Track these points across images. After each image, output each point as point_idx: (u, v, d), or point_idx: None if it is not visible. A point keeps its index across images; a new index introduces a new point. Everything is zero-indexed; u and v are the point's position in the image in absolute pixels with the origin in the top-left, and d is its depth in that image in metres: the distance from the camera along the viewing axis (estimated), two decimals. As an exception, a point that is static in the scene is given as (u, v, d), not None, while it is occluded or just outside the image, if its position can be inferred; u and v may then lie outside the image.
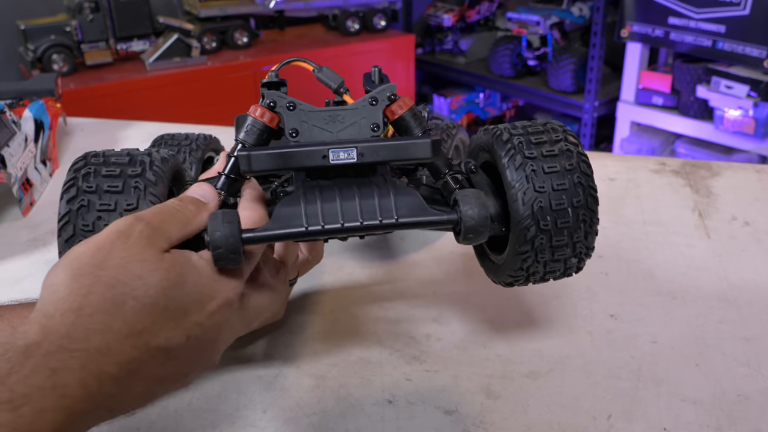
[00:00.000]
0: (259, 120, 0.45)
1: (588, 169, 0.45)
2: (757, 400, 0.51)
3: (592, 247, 0.47)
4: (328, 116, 0.45)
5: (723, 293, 0.64)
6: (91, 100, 2.03)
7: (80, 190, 0.42)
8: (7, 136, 0.82)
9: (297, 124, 0.44)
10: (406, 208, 0.41)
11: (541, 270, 0.47)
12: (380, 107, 0.45)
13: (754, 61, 2.06)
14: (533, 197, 0.44)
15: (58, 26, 2.11)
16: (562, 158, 0.44)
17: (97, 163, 0.44)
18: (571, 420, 0.49)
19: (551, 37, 2.72)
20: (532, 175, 0.44)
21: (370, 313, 0.62)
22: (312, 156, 0.41)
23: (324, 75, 0.52)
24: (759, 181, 0.87)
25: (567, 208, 0.44)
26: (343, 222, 0.40)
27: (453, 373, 0.54)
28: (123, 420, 0.50)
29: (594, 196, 0.45)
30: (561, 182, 0.44)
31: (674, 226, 0.76)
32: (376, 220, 0.41)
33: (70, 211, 0.42)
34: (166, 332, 0.36)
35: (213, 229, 0.38)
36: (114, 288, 0.35)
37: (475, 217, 0.41)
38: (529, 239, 0.44)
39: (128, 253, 0.36)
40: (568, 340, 0.58)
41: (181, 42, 2.19)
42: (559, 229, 0.44)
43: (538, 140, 0.45)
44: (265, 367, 0.55)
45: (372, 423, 0.49)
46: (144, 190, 0.42)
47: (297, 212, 0.40)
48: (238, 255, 0.38)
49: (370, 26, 2.61)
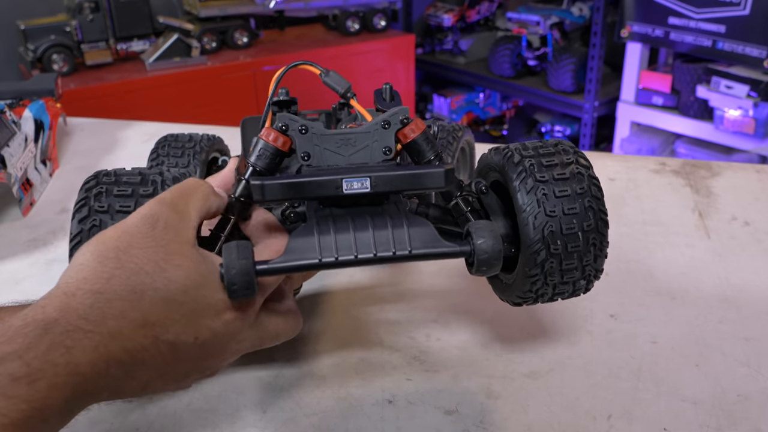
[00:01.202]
0: (271, 144, 0.44)
1: (599, 193, 0.45)
2: (757, 400, 0.51)
3: (602, 270, 0.47)
4: (340, 139, 0.44)
5: (723, 293, 0.64)
6: (91, 100, 2.03)
7: (92, 210, 0.42)
8: (7, 136, 0.82)
9: (309, 148, 0.44)
10: (420, 239, 0.41)
11: (549, 292, 0.47)
12: (393, 131, 0.44)
13: (754, 61, 2.06)
14: (544, 221, 0.44)
15: (58, 26, 2.11)
16: (573, 182, 0.45)
17: (108, 182, 0.44)
18: (571, 420, 0.49)
19: (551, 37, 2.72)
20: (543, 199, 0.44)
21: (370, 314, 0.62)
22: (326, 186, 0.41)
23: (331, 79, 0.52)
24: (759, 181, 0.87)
25: (577, 232, 0.44)
26: (357, 254, 0.40)
27: (453, 373, 0.54)
28: (123, 420, 0.50)
29: (604, 219, 0.45)
30: (572, 206, 0.44)
31: (674, 226, 0.76)
32: (389, 252, 0.40)
33: (81, 231, 0.42)
34: (177, 329, 0.37)
35: (228, 266, 0.38)
36: (136, 276, 0.36)
37: (489, 250, 0.40)
38: (539, 263, 0.44)
39: (155, 242, 0.37)
40: (568, 340, 0.58)
41: (181, 42, 2.19)
42: (570, 253, 0.44)
43: (550, 162, 0.45)
44: (265, 367, 0.55)
45: (372, 423, 0.49)
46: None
47: (311, 244, 0.40)
48: (252, 290, 0.38)
49: (370, 26, 2.61)
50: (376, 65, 2.59)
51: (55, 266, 0.71)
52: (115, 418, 0.50)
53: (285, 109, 0.48)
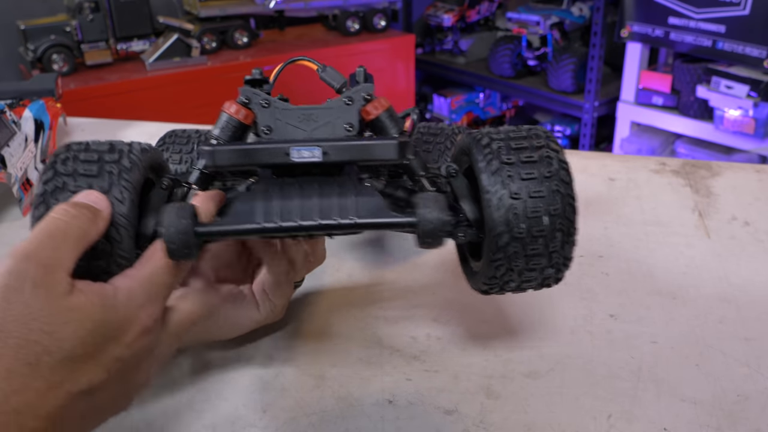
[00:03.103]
0: (233, 117, 0.45)
1: (567, 177, 0.43)
2: (757, 400, 0.51)
3: (571, 258, 0.45)
4: (303, 114, 0.45)
5: (723, 293, 0.64)
6: (91, 100, 2.03)
7: (57, 173, 0.42)
8: (7, 136, 0.82)
9: (271, 122, 0.44)
10: (366, 209, 0.41)
11: (516, 279, 0.45)
12: (356, 107, 0.45)
13: (754, 61, 2.06)
14: (508, 203, 0.42)
15: (58, 26, 2.11)
16: (541, 165, 0.43)
17: (78, 149, 0.43)
18: (571, 420, 0.49)
19: (551, 37, 2.72)
20: (508, 181, 0.42)
21: (370, 313, 0.62)
22: (275, 153, 0.41)
23: (327, 75, 0.53)
24: (759, 181, 0.87)
25: (543, 216, 0.42)
26: (300, 221, 0.40)
27: (453, 373, 0.54)
28: (122, 420, 0.50)
29: (572, 205, 0.44)
30: (538, 189, 0.42)
31: (674, 226, 0.76)
32: (333, 220, 0.40)
33: (45, 192, 0.41)
34: (87, 375, 0.36)
35: (168, 225, 0.38)
36: (23, 348, 0.33)
37: (434, 221, 0.40)
38: (502, 246, 0.43)
39: (30, 310, 0.34)
40: (568, 340, 0.58)
41: (181, 42, 2.19)
42: (534, 237, 0.43)
43: (518, 146, 0.44)
44: (265, 367, 0.55)
45: (372, 423, 0.49)
46: (118, 175, 0.42)
47: (254, 208, 0.40)
48: (190, 251, 0.38)
49: (370, 26, 2.61)
50: (376, 65, 2.59)
51: (55, 266, 0.71)
52: (115, 417, 0.50)
53: (258, 87, 0.48)
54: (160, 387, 0.53)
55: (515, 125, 0.48)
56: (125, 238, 0.40)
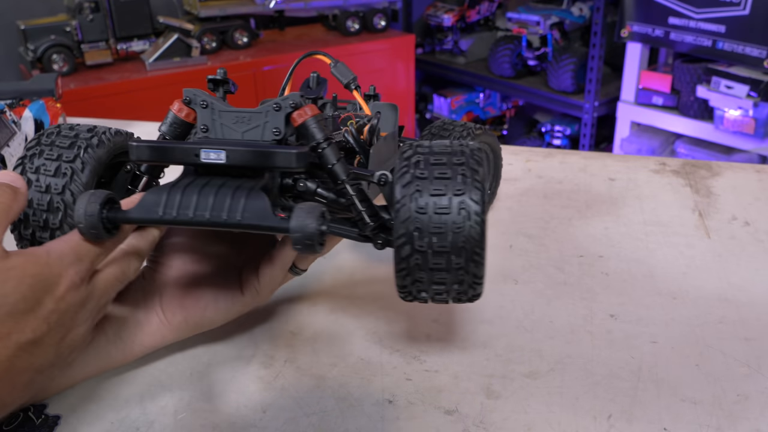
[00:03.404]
0: (176, 115, 0.49)
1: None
2: (757, 400, 0.51)
3: (480, 276, 0.45)
4: (236, 117, 0.48)
5: (723, 293, 0.64)
6: (91, 100, 2.03)
7: (39, 142, 0.49)
8: (7, 136, 0.82)
9: (208, 121, 0.48)
10: (252, 211, 0.44)
11: (425, 290, 0.45)
12: (283, 113, 0.47)
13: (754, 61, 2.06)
14: (413, 216, 0.43)
15: (58, 26, 2.11)
16: (454, 182, 0.43)
17: (64, 128, 0.51)
18: (571, 420, 0.49)
19: (551, 37, 2.72)
20: (417, 195, 0.43)
21: (369, 313, 0.62)
22: (186, 153, 0.45)
23: (337, 70, 0.57)
24: (759, 181, 0.87)
25: (447, 233, 0.43)
26: (192, 215, 0.44)
27: (453, 373, 0.54)
28: (122, 420, 0.50)
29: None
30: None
31: (674, 226, 0.77)
32: (221, 218, 0.44)
33: (24, 156, 0.49)
34: (30, 326, 0.40)
35: (78, 206, 0.43)
36: None
37: (301, 230, 0.42)
38: (404, 258, 0.44)
39: None
40: (568, 340, 0.58)
41: (181, 42, 2.19)
42: (437, 253, 0.43)
43: (437, 161, 0.44)
44: (265, 367, 0.55)
45: (372, 423, 0.49)
46: (85, 149, 0.49)
47: (160, 200, 0.45)
48: (97, 231, 0.43)
49: (370, 26, 2.61)
50: (376, 65, 2.59)
51: (55, 266, 0.71)
52: (114, 417, 0.50)
53: (220, 87, 0.52)
54: (160, 387, 0.53)
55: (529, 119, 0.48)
56: None
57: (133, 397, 0.52)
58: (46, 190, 0.49)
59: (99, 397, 0.52)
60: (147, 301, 0.54)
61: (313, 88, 0.54)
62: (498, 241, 0.74)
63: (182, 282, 0.55)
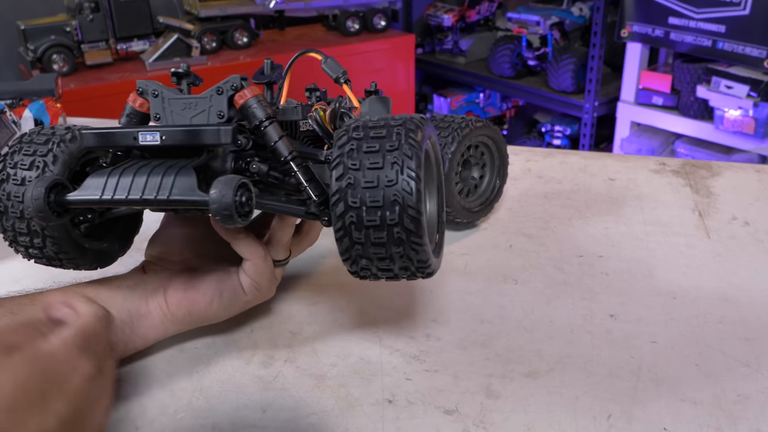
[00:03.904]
0: (131, 105, 0.51)
1: (409, 186, 0.43)
2: (757, 400, 0.51)
3: (420, 237, 0.44)
4: (184, 103, 0.50)
5: (723, 293, 0.64)
6: (91, 100, 2.03)
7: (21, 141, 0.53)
8: (7, 136, 0.82)
9: (159, 110, 0.50)
10: (179, 188, 0.45)
11: (369, 257, 0.46)
12: (225, 96, 0.49)
13: (754, 61, 2.06)
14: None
15: (58, 26, 2.11)
16: (386, 171, 0.43)
17: (45, 129, 0.54)
18: (571, 420, 0.49)
19: (551, 37, 2.72)
20: (349, 189, 0.43)
21: (369, 313, 0.62)
22: (125, 137, 0.47)
23: (327, 66, 0.59)
24: (759, 181, 0.87)
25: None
26: (128, 195, 0.46)
27: (453, 373, 0.54)
28: (123, 419, 0.50)
29: (412, 216, 0.43)
30: (375, 199, 0.43)
31: (674, 226, 0.77)
32: (152, 197, 0.45)
33: (6, 153, 0.52)
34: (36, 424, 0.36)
35: (26, 191, 0.45)
36: None
37: (217, 201, 0.42)
38: (339, 216, 0.44)
39: None
40: (568, 340, 0.58)
41: (181, 42, 2.19)
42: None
43: (370, 148, 0.44)
44: (265, 367, 0.55)
45: (372, 423, 0.49)
46: (58, 144, 0.52)
47: (99, 183, 0.46)
48: (44, 213, 0.45)
49: (370, 26, 2.61)
50: (376, 65, 2.59)
51: (55, 266, 0.71)
52: (114, 417, 0.50)
53: (183, 80, 0.53)
54: (160, 387, 0.53)
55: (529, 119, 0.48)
56: None
57: (133, 396, 0.52)
58: (21, 182, 0.51)
59: (99, 397, 0.52)
60: (151, 295, 0.54)
61: (266, 74, 0.56)
62: (498, 241, 0.74)
63: (187, 276, 0.55)
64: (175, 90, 0.51)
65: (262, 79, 0.55)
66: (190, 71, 0.53)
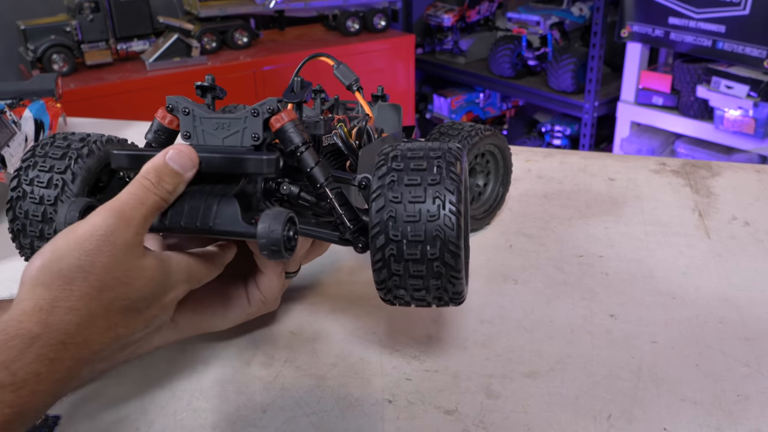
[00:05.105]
0: (159, 121, 0.50)
1: (451, 221, 0.43)
2: (757, 400, 0.51)
3: (458, 270, 0.44)
4: (217, 123, 0.48)
5: (723, 293, 0.64)
6: (91, 100, 2.03)
7: (34, 154, 0.52)
8: (7, 136, 0.82)
9: (190, 128, 0.49)
10: (223, 217, 0.45)
11: (405, 287, 0.45)
12: (261, 119, 0.47)
13: (754, 61, 2.06)
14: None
15: (58, 26, 2.11)
16: (429, 173, 0.43)
17: (59, 138, 0.54)
18: (571, 420, 0.49)
19: (551, 37, 2.72)
20: (390, 222, 0.43)
21: (369, 313, 0.62)
22: None
23: (340, 72, 0.59)
24: (759, 181, 0.87)
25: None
26: (168, 222, 0.46)
27: (453, 373, 0.54)
28: (123, 420, 0.50)
29: (453, 251, 0.43)
30: (417, 233, 0.43)
31: (674, 226, 0.77)
32: (194, 224, 0.46)
33: (20, 168, 0.52)
34: (134, 324, 0.43)
35: (58, 214, 0.46)
36: (104, 293, 0.41)
37: (265, 236, 0.43)
38: (379, 248, 0.44)
39: (115, 261, 0.41)
40: (568, 340, 0.58)
41: (181, 42, 2.19)
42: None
43: (411, 181, 0.44)
44: (265, 367, 0.55)
45: (372, 423, 0.49)
46: (75, 159, 0.52)
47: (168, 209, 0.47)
48: None
49: (370, 26, 2.61)
50: (376, 65, 2.59)
51: (55, 266, 0.71)
52: (115, 417, 0.50)
53: (208, 94, 0.52)
54: (160, 388, 0.53)
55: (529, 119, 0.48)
56: None
57: (133, 396, 0.52)
58: (39, 201, 0.51)
59: (99, 397, 0.52)
60: None
61: (296, 93, 0.55)
62: (498, 241, 0.74)
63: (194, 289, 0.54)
64: (204, 107, 0.50)
65: (293, 98, 0.54)
66: (215, 84, 0.52)
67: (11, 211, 0.52)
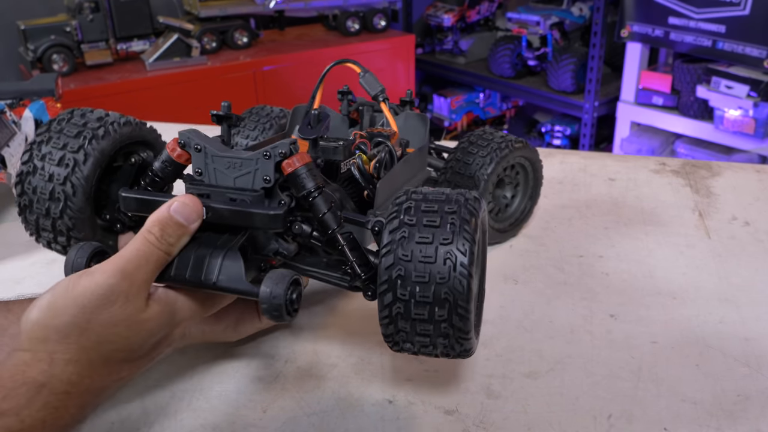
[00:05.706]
0: (169, 154, 0.50)
1: (461, 285, 0.41)
2: (757, 400, 0.51)
3: (467, 332, 0.43)
4: (228, 162, 0.48)
5: (723, 293, 0.64)
6: (91, 100, 2.02)
7: (49, 129, 0.52)
8: (7, 136, 0.82)
9: (202, 165, 0.48)
10: (226, 274, 0.45)
11: (410, 341, 0.44)
12: (273, 162, 0.47)
13: (754, 61, 2.06)
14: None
15: (58, 26, 2.11)
16: (438, 266, 0.41)
17: (78, 114, 0.53)
18: (571, 420, 0.49)
19: (551, 37, 2.71)
20: (399, 280, 0.42)
21: (369, 313, 0.62)
22: None
23: (365, 81, 0.58)
24: (759, 181, 0.87)
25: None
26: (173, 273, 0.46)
27: (453, 373, 0.54)
28: (123, 420, 0.50)
29: (462, 314, 0.42)
30: (425, 295, 0.41)
31: (674, 226, 0.77)
32: (198, 278, 0.45)
33: (34, 141, 0.52)
34: (139, 363, 0.45)
35: (67, 258, 0.46)
36: (101, 345, 0.42)
37: (267, 301, 0.43)
38: (386, 305, 0.43)
39: (115, 318, 0.42)
40: (568, 340, 0.58)
41: (181, 42, 2.19)
42: (419, 303, 0.42)
43: (423, 239, 0.42)
44: (265, 367, 0.55)
45: (372, 423, 0.49)
46: (90, 139, 0.51)
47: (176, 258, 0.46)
48: None
49: (370, 26, 2.61)
50: (376, 65, 2.59)
51: (55, 266, 0.71)
52: (115, 418, 0.50)
53: (224, 122, 0.52)
54: (160, 388, 0.53)
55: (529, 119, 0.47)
56: (79, 194, 0.51)
57: (134, 397, 0.52)
58: (49, 179, 0.50)
59: (99, 397, 0.52)
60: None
61: (313, 127, 0.53)
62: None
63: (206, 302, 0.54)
64: (217, 142, 0.49)
65: (309, 134, 0.53)
66: (231, 113, 0.52)
67: (20, 185, 0.52)
